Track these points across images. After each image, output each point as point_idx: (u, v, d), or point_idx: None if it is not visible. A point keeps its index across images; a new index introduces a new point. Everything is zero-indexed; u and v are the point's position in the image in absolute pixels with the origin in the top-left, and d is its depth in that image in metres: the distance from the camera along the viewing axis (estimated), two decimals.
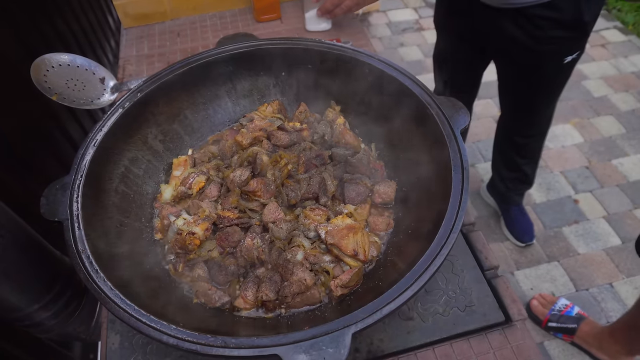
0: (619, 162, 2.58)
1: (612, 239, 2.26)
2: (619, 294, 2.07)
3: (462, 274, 0.91)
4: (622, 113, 2.85)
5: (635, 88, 3.01)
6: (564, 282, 2.12)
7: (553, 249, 2.24)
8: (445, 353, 0.81)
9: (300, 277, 0.81)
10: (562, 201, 2.42)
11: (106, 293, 0.69)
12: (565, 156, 2.62)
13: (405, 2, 3.74)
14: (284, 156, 0.97)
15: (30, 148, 1.49)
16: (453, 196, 0.76)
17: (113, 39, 2.98)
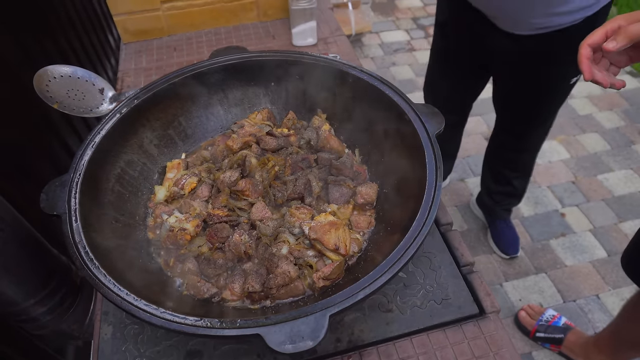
0: (604, 178, 2.65)
1: (598, 251, 2.31)
2: (606, 305, 2.10)
3: (439, 270, 0.95)
4: (606, 130, 2.94)
5: (619, 107, 3.11)
6: (551, 294, 2.16)
7: (541, 261, 2.28)
8: (423, 343, 0.85)
9: (284, 269, 0.86)
10: (549, 215, 2.48)
11: (100, 279, 0.73)
12: (552, 171, 2.69)
13: (397, 24, 3.87)
14: (272, 159, 1.03)
15: (29, 154, 1.55)
16: (427, 191, 0.82)
17: (113, 57, 3.07)
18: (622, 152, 2.80)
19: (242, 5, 1.59)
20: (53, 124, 1.92)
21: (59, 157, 1.90)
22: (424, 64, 3.48)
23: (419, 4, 4.08)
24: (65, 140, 1.98)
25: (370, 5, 3.69)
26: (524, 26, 1.36)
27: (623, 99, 3.16)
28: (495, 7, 1.37)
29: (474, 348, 0.84)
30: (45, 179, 1.62)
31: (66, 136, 2.00)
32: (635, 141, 2.87)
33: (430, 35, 3.74)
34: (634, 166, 2.72)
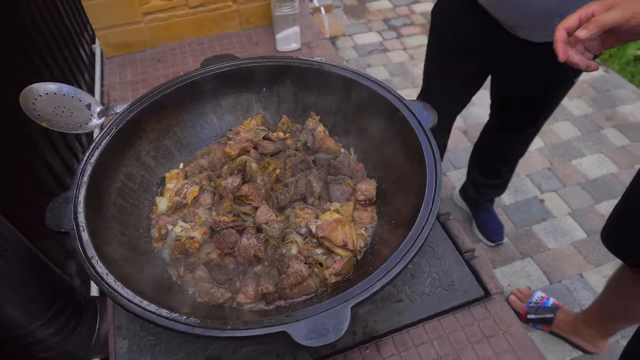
0: (578, 163, 2.77)
1: (578, 233, 2.41)
2: (589, 283, 2.20)
3: (443, 258, 0.99)
4: (576, 118, 3.07)
5: (587, 95, 3.25)
6: (538, 277, 2.24)
7: (525, 246, 2.36)
8: (435, 328, 0.88)
9: (296, 268, 0.87)
10: (529, 201, 2.57)
11: (119, 292, 0.73)
12: (529, 160, 2.78)
13: (369, 26, 3.94)
14: (272, 162, 1.05)
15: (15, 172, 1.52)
16: (429, 182, 0.85)
17: (87, 73, 3.03)
18: (592, 138, 2.93)
19: (223, 14, 1.61)
20: (32, 140, 1.89)
21: (40, 174, 1.87)
22: (398, 63, 3.56)
23: (389, 6, 4.16)
24: (44, 157, 1.95)
25: (342, 9, 3.75)
26: (543, 34, 1.36)
27: (590, 87, 3.30)
28: (516, 18, 1.36)
29: (484, 328, 0.88)
30: (28, 197, 1.59)
31: (45, 152, 1.97)
32: (604, 126, 3.00)
33: (402, 35, 3.82)
34: (604, 150, 2.84)
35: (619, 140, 2.90)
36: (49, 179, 1.94)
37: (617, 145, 2.87)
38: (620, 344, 1.97)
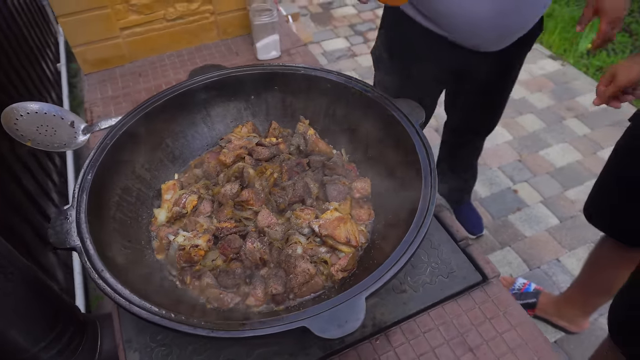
0: (545, 153, 2.90)
1: (551, 219, 2.53)
2: (566, 267, 2.30)
3: (439, 248, 1.03)
4: (540, 110, 3.22)
5: (547, 88, 3.41)
6: (518, 264, 2.33)
7: (503, 236, 2.46)
8: (440, 314, 0.92)
9: (303, 268, 0.90)
10: (503, 193, 2.67)
11: (137, 304, 0.73)
12: (499, 153, 2.90)
13: (336, 32, 4.01)
14: (268, 167, 1.07)
15: None
16: (424, 174, 0.90)
17: (53, 91, 2.97)
18: (556, 128, 3.08)
19: (201, 26, 1.62)
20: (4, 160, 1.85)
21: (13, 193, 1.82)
22: (367, 67, 3.63)
23: (353, 12, 4.25)
24: (17, 175, 1.90)
25: (309, 17, 3.80)
26: (504, 43, 1.44)
27: (549, 81, 3.47)
28: (474, 42, 1.42)
29: (485, 311, 0.92)
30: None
31: (17, 170, 1.93)
32: (565, 117, 3.16)
33: (369, 39, 3.91)
34: (568, 139, 2.99)
35: (581, 129, 3.06)
36: (22, 199, 1.89)
37: (580, 134, 3.03)
38: (598, 322, 2.07)
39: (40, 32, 3.27)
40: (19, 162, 2.05)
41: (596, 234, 2.40)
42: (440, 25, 1.43)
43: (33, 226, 1.90)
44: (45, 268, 1.87)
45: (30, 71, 2.65)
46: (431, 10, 1.41)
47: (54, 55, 3.42)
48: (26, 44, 2.77)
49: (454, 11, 1.35)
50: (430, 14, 1.42)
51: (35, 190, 2.12)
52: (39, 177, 2.22)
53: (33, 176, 2.16)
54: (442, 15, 1.39)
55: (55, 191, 2.36)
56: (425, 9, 1.42)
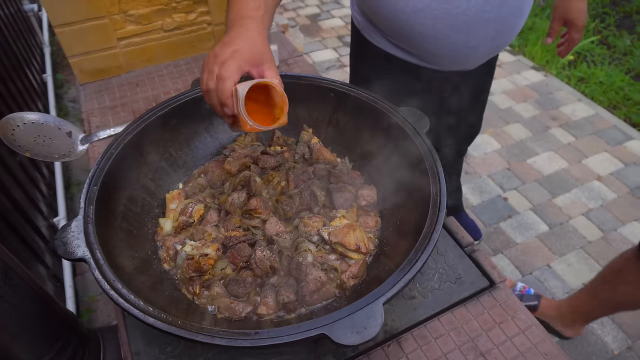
0: (533, 161, 2.96)
1: (541, 226, 2.57)
2: (557, 272, 2.34)
3: (446, 254, 1.04)
4: (526, 120, 3.29)
5: (532, 98, 3.49)
6: (511, 271, 2.36)
7: (496, 243, 2.49)
8: (449, 320, 0.93)
9: (315, 275, 0.90)
10: (494, 200, 2.71)
11: (152, 314, 0.72)
12: (488, 162, 2.95)
13: (324, 43, 4.05)
14: (275, 175, 1.07)
15: None
16: (432, 180, 0.91)
17: (40, 102, 2.92)
18: (542, 137, 3.15)
19: (198, 37, 1.62)
20: None
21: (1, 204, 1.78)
22: None
23: (341, 23, 4.31)
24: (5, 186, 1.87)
25: (298, 28, 3.84)
26: (476, 62, 1.40)
27: (534, 91, 3.56)
28: (458, 65, 1.38)
29: (494, 316, 0.94)
30: None
31: (4, 180, 1.89)
32: (551, 126, 3.24)
33: None
34: (554, 147, 3.06)
35: (566, 138, 3.14)
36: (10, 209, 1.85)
37: (565, 143, 3.10)
38: (590, 326, 2.11)
39: (26, 42, 3.23)
40: (7, 173, 2.01)
41: (585, 240, 2.47)
42: (428, 59, 1.36)
43: (22, 237, 1.85)
44: None
45: (17, 82, 2.61)
46: (420, 49, 1.33)
47: (39, 66, 3.37)
48: (13, 54, 2.73)
49: (446, 47, 1.28)
50: (417, 52, 1.34)
51: (24, 201, 2.07)
52: (27, 188, 2.17)
53: (21, 187, 2.11)
54: (431, 52, 1.32)
55: (44, 202, 2.31)
56: (414, 48, 1.33)
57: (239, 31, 0.91)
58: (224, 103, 0.85)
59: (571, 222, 2.58)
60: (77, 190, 2.74)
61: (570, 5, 1.48)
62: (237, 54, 0.86)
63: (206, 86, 0.87)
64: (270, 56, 0.91)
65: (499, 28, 1.25)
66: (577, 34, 1.53)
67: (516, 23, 1.30)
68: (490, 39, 1.27)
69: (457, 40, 1.25)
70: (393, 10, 1.23)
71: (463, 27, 1.21)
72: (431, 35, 1.25)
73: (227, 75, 0.84)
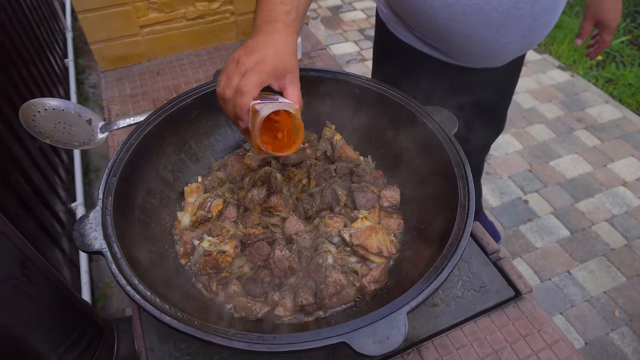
0: (556, 163, 2.88)
1: (562, 231, 2.50)
2: (577, 279, 2.28)
3: (470, 260, 1.01)
4: (550, 121, 3.20)
5: (557, 98, 3.40)
6: (529, 276, 2.31)
7: (514, 246, 2.43)
8: (472, 330, 0.90)
9: (335, 278, 0.87)
10: (514, 202, 2.65)
11: (169, 313, 0.70)
12: (510, 162, 2.88)
13: (345, 36, 4.00)
14: (296, 172, 1.04)
15: None
16: (460, 184, 0.87)
17: (61, 87, 2.94)
18: (566, 139, 3.06)
19: (221, 26, 1.59)
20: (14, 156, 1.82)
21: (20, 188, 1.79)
22: None
23: (362, 16, 4.24)
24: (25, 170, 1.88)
25: (319, 20, 3.79)
26: (505, 60, 1.35)
27: (558, 91, 3.46)
28: (490, 63, 1.33)
29: (520, 328, 0.90)
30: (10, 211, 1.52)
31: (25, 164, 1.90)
32: (575, 128, 3.15)
33: None
34: (578, 150, 2.98)
35: (591, 141, 3.05)
36: (30, 193, 1.86)
37: (590, 146, 3.01)
38: (610, 336, 2.05)
39: (49, 27, 3.24)
40: (28, 157, 2.02)
41: (607, 248, 2.40)
42: (456, 56, 1.31)
43: (40, 222, 1.87)
44: (52, 265, 1.83)
45: (39, 67, 2.62)
46: (447, 46, 1.28)
47: (61, 50, 3.38)
48: (36, 39, 2.74)
49: (475, 43, 1.23)
50: (444, 48, 1.30)
51: (42, 186, 2.08)
52: (46, 173, 2.19)
53: (41, 171, 2.12)
54: (459, 49, 1.27)
55: (62, 187, 2.33)
56: (440, 44, 1.29)
57: (266, 38, 0.85)
58: (239, 117, 0.81)
59: (594, 228, 2.51)
60: (95, 176, 2.76)
61: (603, 5, 1.41)
62: (260, 66, 0.80)
63: (223, 93, 0.82)
64: (294, 67, 0.86)
65: (531, 25, 1.20)
66: (608, 36, 1.46)
67: (549, 20, 1.24)
68: (521, 36, 1.21)
69: (487, 37, 1.20)
70: (420, 4, 1.18)
71: (494, 23, 1.16)
72: (460, 32, 1.20)
73: (247, 90, 0.78)
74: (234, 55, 0.83)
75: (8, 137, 1.79)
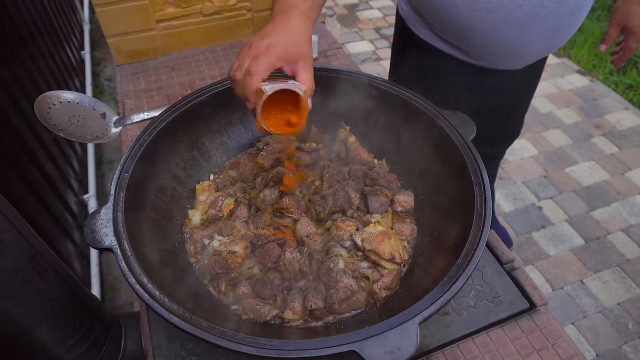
0: (572, 170, 2.83)
1: (576, 239, 2.46)
2: (590, 290, 2.24)
3: (484, 270, 0.98)
4: (567, 126, 3.14)
5: (575, 103, 3.34)
6: (541, 284, 2.27)
7: (527, 253, 2.39)
8: (484, 342, 0.88)
9: (345, 283, 0.85)
10: (528, 209, 2.61)
11: (177, 314, 0.70)
12: (524, 167, 2.83)
13: (361, 34, 3.97)
14: (309, 174, 1.03)
15: None
16: (477, 192, 0.85)
17: (77, 79, 2.96)
18: (583, 145, 3.00)
19: (237, 22, 1.58)
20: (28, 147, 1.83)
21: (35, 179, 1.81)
22: None
23: (379, 15, 4.20)
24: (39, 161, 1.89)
25: (335, 18, 3.76)
26: (526, 61, 1.31)
27: (577, 96, 3.40)
28: (511, 63, 1.30)
29: (533, 341, 0.88)
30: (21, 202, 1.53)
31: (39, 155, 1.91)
32: (593, 134, 3.09)
33: None
34: (595, 157, 2.92)
35: (609, 148, 2.99)
36: (43, 184, 1.88)
37: (607, 153, 2.95)
38: (623, 349, 2.01)
39: (67, 19, 3.26)
40: (42, 149, 2.03)
41: (622, 258, 2.35)
42: (476, 56, 1.28)
43: (52, 213, 1.88)
44: (63, 257, 1.84)
45: (56, 58, 2.64)
46: (469, 44, 1.26)
47: (78, 42, 3.41)
48: (53, 31, 2.76)
49: (497, 42, 1.20)
50: (465, 47, 1.27)
51: (56, 177, 2.10)
52: (60, 164, 2.20)
53: (54, 162, 2.14)
54: (480, 47, 1.24)
55: (75, 179, 2.34)
56: (461, 42, 1.26)
57: (281, 23, 0.86)
58: (247, 98, 0.84)
59: (609, 237, 2.46)
60: (108, 168, 2.78)
61: (631, 10, 1.37)
62: (271, 49, 0.81)
63: (234, 76, 0.84)
64: (308, 53, 0.86)
65: (556, 26, 1.16)
66: (635, 43, 1.40)
67: (574, 22, 1.20)
68: (544, 37, 1.18)
69: (510, 36, 1.17)
70: (442, 1, 1.16)
71: (517, 22, 1.13)
72: (482, 30, 1.17)
73: (255, 71, 0.80)
74: (248, 39, 0.85)
75: (23, 129, 1.80)
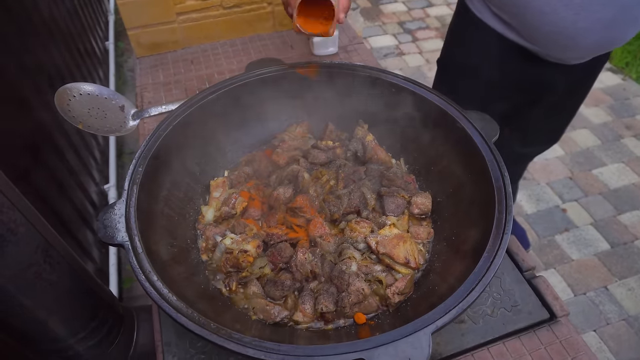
0: (599, 172, 2.73)
1: (602, 244, 2.38)
2: (615, 296, 2.16)
3: (502, 277, 0.95)
4: (595, 126, 3.03)
5: (604, 103, 3.22)
6: (562, 288, 2.20)
7: (548, 256, 2.33)
8: (500, 352, 0.84)
9: (358, 287, 0.83)
10: (551, 211, 2.53)
11: (185, 314, 0.69)
12: (549, 168, 2.75)
13: (384, 28, 3.90)
14: (324, 173, 1.01)
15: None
16: (498, 197, 0.82)
17: (101, 69, 2.99)
18: (612, 147, 2.90)
19: (257, 16, 1.56)
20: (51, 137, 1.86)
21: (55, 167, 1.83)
22: (415, 67, 3.53)
23: (403, 9, 4.13)
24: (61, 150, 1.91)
25: (358, 11, 3.70)
26: (582, 53, 1.25)
27: (607, 95, 3.27)
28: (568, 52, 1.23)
29: (552, 354, 0.84)
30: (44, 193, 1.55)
31: (61, 144, 1.94)
32: (624, 135, 2.97)
33: (417, 39, 3.78)
34: (625, 159, 2.81)
35: (639, 150, 2.87)
36: (65, 174, 1.91)
37: (638, 155, 2.84)
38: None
39: (92, 9, 3.30)
40: (64, 137, 2.06)
41: None
42: (529, 38, 1.23)
43: (73, 202, 1.91)
44: (82, 246, 1.88)
45: (81, 48, 2.67)
46: (522, 22, 1.21)
47: (103, 33, 3.45)
48: (79, 21, 2.80)
49: (551, 23, 1.15)
50: (519, 26, 1.23)
51: (78, 166, 2.13)
52: (82, 154, 2.23)
53: (76, 152, 2.17)
54: (534, 27, 1.19)
55: (96, 169, 2.38)
56: (515, 19, 1.22)
57: None
58: (287, 2, 1.07)
59: (637, 242, 2.37)
60: (129, 159, 2.81)
61: None
62: None
63: None
64: None
65: (616, 17, 1.09)
66: None
67: (638, 16, 1.12)
68: (603, 26, 1.11)
69: (565, 17, 1.10)
70: None
71: (575, 3, 1.06)
72: (536, 7, 1.11)
73: None
74: None
75: (46, 117, 1.83)
